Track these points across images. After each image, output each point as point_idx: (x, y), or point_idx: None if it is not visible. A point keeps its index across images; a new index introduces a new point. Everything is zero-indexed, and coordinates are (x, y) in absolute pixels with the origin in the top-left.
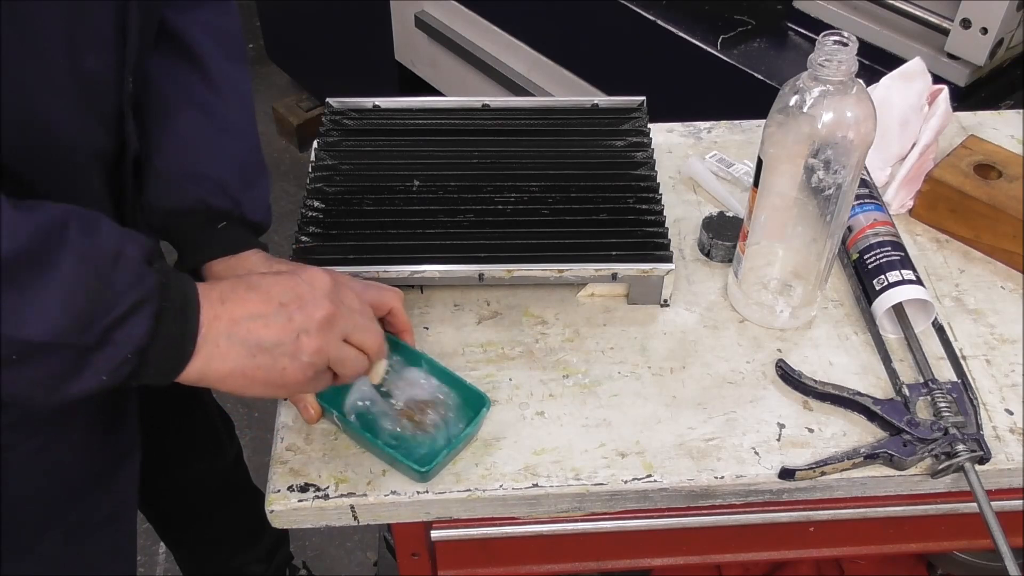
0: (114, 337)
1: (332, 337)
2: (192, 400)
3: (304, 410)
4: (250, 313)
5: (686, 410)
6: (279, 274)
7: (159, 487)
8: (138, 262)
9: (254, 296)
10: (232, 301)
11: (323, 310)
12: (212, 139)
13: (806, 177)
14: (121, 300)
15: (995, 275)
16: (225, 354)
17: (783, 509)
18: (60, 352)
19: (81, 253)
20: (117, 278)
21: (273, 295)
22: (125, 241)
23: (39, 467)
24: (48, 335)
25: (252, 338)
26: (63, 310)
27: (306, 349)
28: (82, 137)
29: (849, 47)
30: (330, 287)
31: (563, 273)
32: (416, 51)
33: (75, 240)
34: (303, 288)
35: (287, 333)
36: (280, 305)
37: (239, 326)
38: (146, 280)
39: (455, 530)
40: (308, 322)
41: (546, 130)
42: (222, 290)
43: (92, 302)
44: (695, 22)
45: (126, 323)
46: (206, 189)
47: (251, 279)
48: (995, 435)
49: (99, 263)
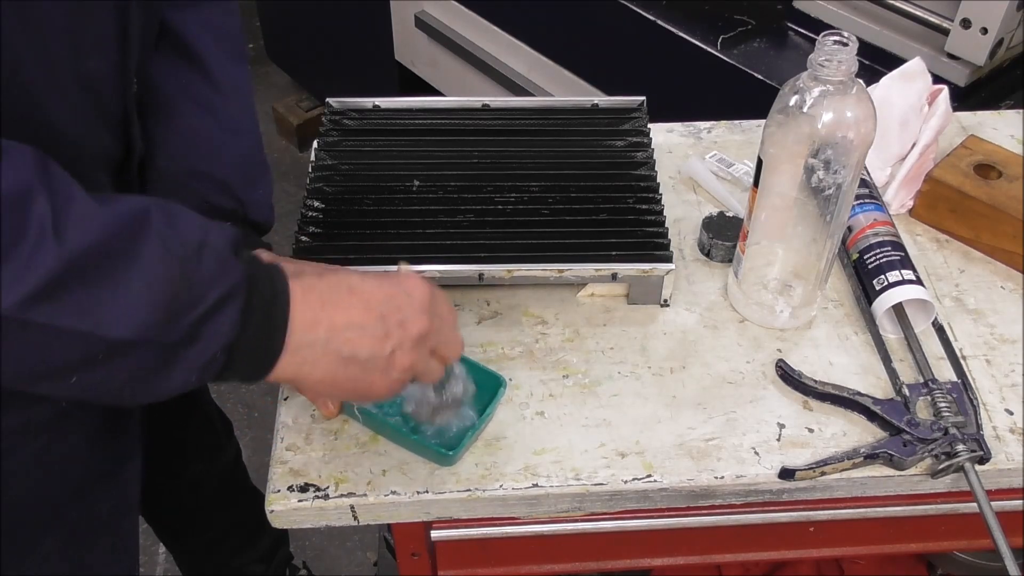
0: (202, 332)
1: (424, 352)
2: (191, 401)
3: (323, 405)
4: (350, 322)
5: (686, 410)
6: (380, 278)
7: (158, 487)
8: (223, 252)
9: (355, 303)
10: (332, 305)
11: (420, 326)
12: (215, 139)
13: (806, 177)
14: (208, 293)
15: (995, 275)
16: (318, 360)
17: (783, 509)
18: (146, 349)
19: (164, 244)
20: (202, 270)
21: (373, 304)
22: (209, 231)
23: (41, 468)
24: (133, 332)
25: (348, 349)
26: (148, 305)
27: (398, 366)
28: (88, 139)
29: (849, 47)
30: (428, 299)
31: (563, 273)
32: (416, 51)
33: (158, 231)
34: (403, 299)
35: (383, 347)
36: (380, 317)
37: (337, 334)
38: (233, 271)
39: (455, 530)
40: (404, 338)
41: (546, 130)
42: (322, 292)
43: (178, 296)
44: (695, 22)
45: (214, 318)
46: (209, 189)
47: (351, 280)
48: (995, 435)
49: (183, 255)
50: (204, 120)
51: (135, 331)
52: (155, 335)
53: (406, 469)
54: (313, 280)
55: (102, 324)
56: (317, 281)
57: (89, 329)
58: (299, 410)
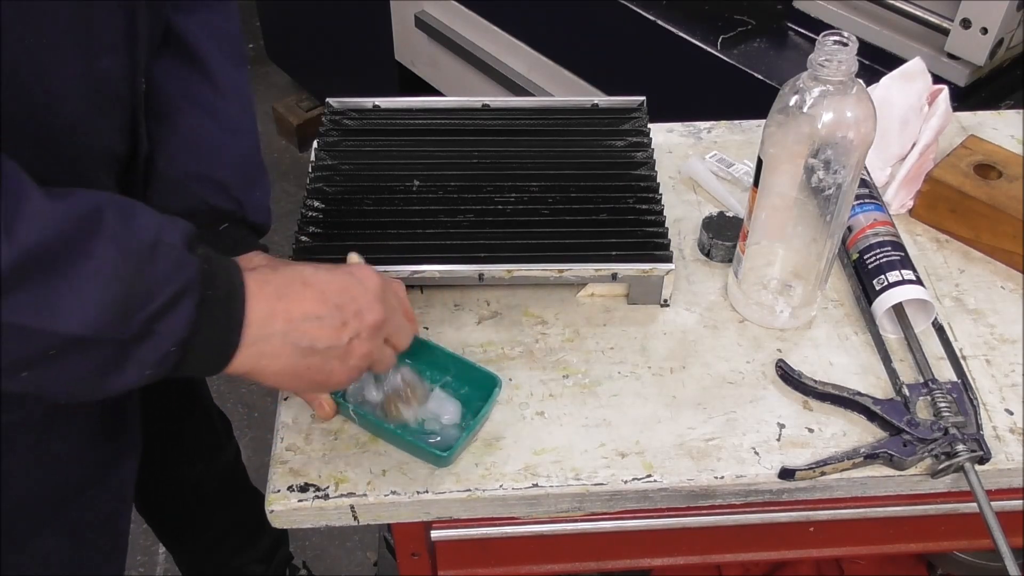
0: (156, 329)
1: (379, 340)
2: (191, 400)
3: (319, 407)
4: (306, 313)
5: (686, 410)
6: (332, 270)
7: (158, 488)
8: (178, 249)
9: (310, 294)
10: (288, 298)
11: (376, 315)
12: (215, 140)
13: (806, 177)
14: (161, 290)
15: (995, 275)
16: (278, 352)
17: (783, 509)
18: (99, 346)
19: (117, 241)
20: (157, 266)
21: (328, 295)
22: (164, 227)
23: (38, 465)
24: (86, 328)
25: (306, 340)
26: (100, 302)
27: (356, 353)
28: (98, 138)
29: (849, 47)
30: (380, 289)
31: (563, 273)
32: (416, 51)
33: (110, 228)
34: (357, 290)
35: (340, 337)
36: (335, 307)
37: (294, 326)
38: (187, 268)
39: (455, 530)
40: (361, 327)
41: (546, 130)
42: (277, 285)
43: (130, 293)
44: (695, 22)
45: (167, 314)
46: (209, 190)
47: (304, 273)
48: (995, 435)
49: (137, 251)
50: (204, 122)
51: (88, 328)
52: (108, 332)
53: (406, 469)
54: (267, 274)
55: (55, 321)
56: (272, 275)
57: (41, 326)
58: (299, 410)
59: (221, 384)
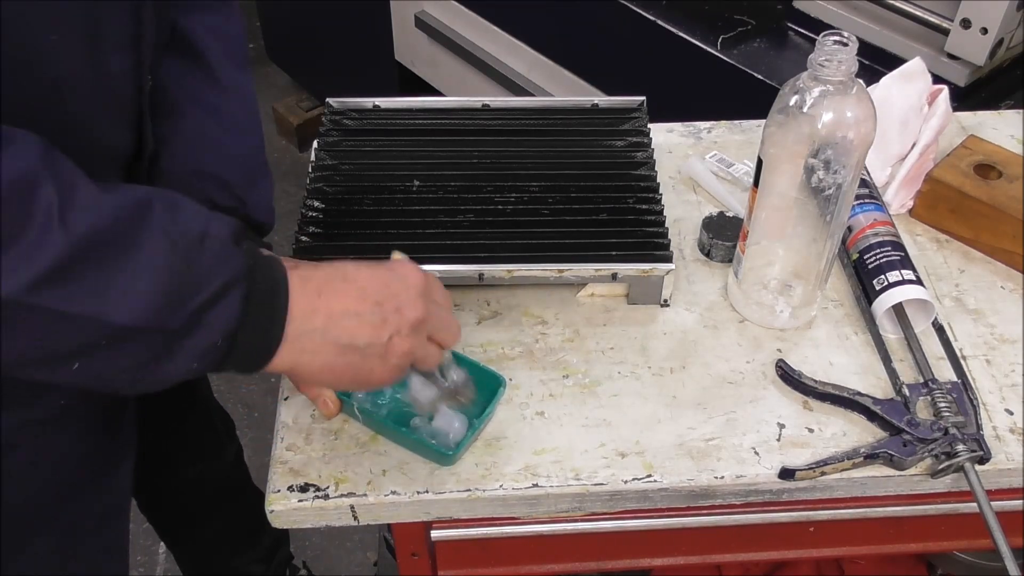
0: (204, 320)
1: (421, 338)
2: (191, 400)
3: (323, 404)
4: (346, 309)
5: (686, 410)
6: (373, 267)
7: (159, 487)
8: (225, 242)
9: (351, 290)
10: (328, 294)
11: (417, 312)
12: (218, 139)
13: (806, 177)
14: (210, 282)
15: (995, 275)
16: (317, 349)
17: (783, 509)
18: (148, 336)
19: (167, 233)
20: (204, 259)
21: (369, 292)
22: (211, 221)
23: (38, 467)
24: (135, 319)
25: (346, 336)
26: (150, 292)
27: (397, 351)
28: (105, 135)
29: (849, 47)
30: (423, 285)
31: (563, 273)
32: (416, 51)
33: (160, 220)
34: (398, 286)
35: (380, 334)
36: (376, 304)
37: (335, 323)
38: (234, 261)
39: (455, 530)
40: (401, 324)
41: (546, 130)
42: (319, 282)
43: (180, 284)
44: (695, 22)
45: (215, 306)
46: (212, 188)
47: (346, 269)
48: (995, 435)
49: (186, 243)
50: (207, 121)
51: (137, 317)
52: (157, 322)
53: (406, 469)
54: (309, 271)
55: (106, 310)
56: (313, 271)
57: (93, 314)
58: (299, 410)
59: (221, 384)
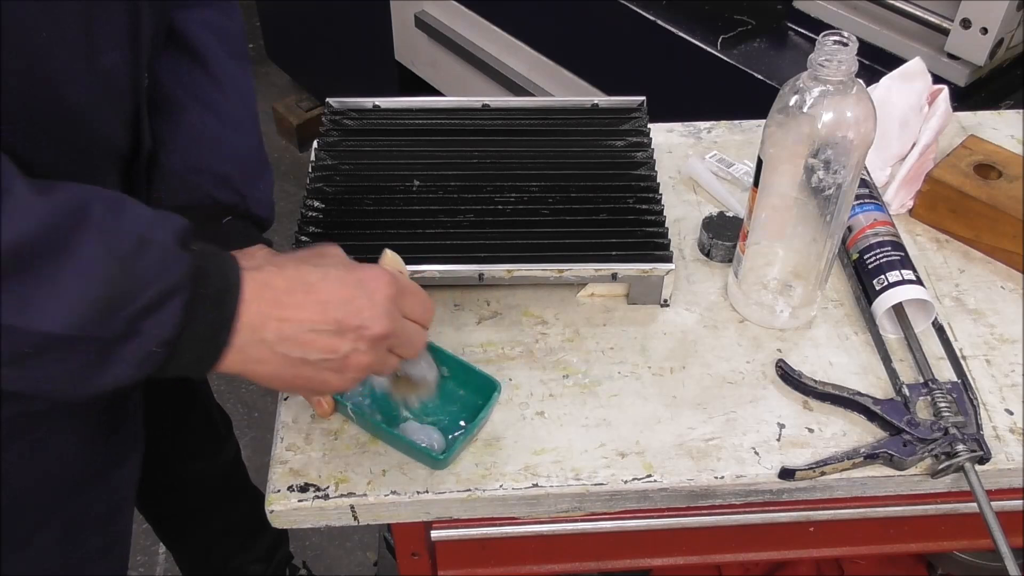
0: (139, 328)
1: (381, 352)
2: (191, 398)
3: (317, 404)
4: (301, 324)
5: (686, 410)
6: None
7: (158, 486)
8: (166, 247)
9: (311, 303)
10: (287, 306)
11: (379, 329)
12: (217, 135)
13: (806, 177)
14: (146, 289)
15: (995, 275)
16: (266, 359)
17: (783, 509)
18: (81, 344)
19: (103, 237)
20: (142, 264)
21: (330, 306)
22: (154, 224)
23: (38, 461)
24: (67, 327)
25: (298, 350)
26: (82, 300)
27: (353, 365)
28: (102, 131)
29: (849, 47)
30: (389, 300)
31: (563, 273)
32: (416, 51)
33: (96, 223)
34: (362, 302)
35: (337, 349)
36: (335, 320)
37: (288, 337)
38: (175, 267)
39: (455, 530)
40: (360, 340)
41: (546, 130)
42: (278, 291)
43: (114, 291)
44: (695, 22)
45: (153, 313)
46: (212, 184)
47: (310, 278)
48: (995, 435)
49: (123, 248)
50: (206, 117)
51: (69, 327)
52: (90, 330)
53: (406, 469)
54: (271, 276)
55: (35, 320)
56: (275, 277)
57: (22, 324)
58: (299, 410)
59: (221, 384)
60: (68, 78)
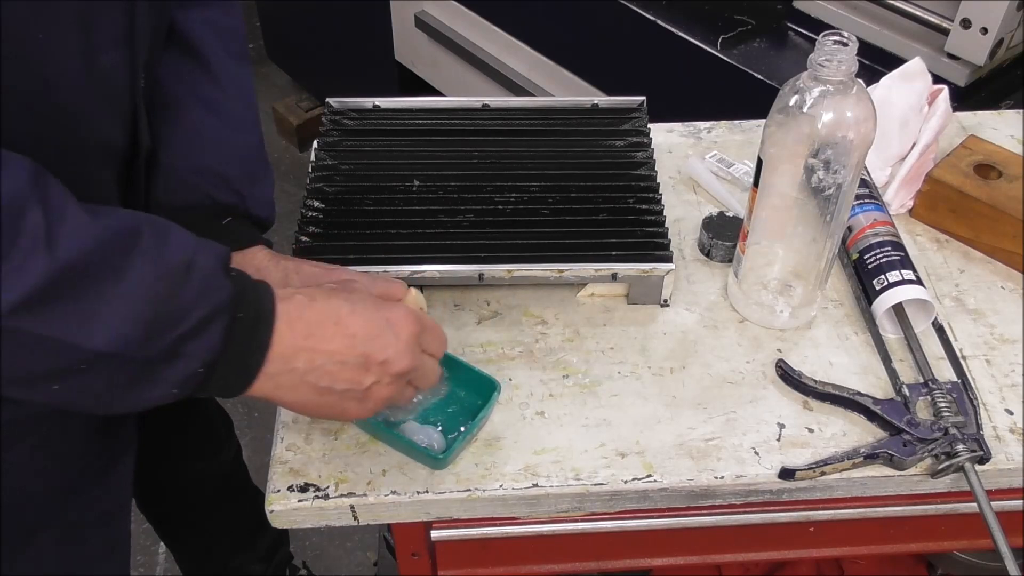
0: (183, 350)
1: (402, 384)
2: (191, 399)
3: None
4: (331, 356)
5: (686, 410)
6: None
7: (158, 486)
8: (210, 273)
9: (339, 336)
10: (316, 338)
11: (402, 365)
12: (217, 135)
13: (806, 177)
14: (192, 312)
15: (995, 275)
16: (295, 387)
17: (783, 509)
18: (126, 363)
19: (152, 261)
20: (189, 289)
21: (358, 340)
22: (198, 250)
23: (36, 464)
24: (114, 346)
25: (326, 380)
26: (131, 320)
27: (375, 397)
28: (99, 132)
29: (849, 47)
30: (413, 338)
31: (563, 273)
32: (416, 51)
33: (147, 247)
34: (389, 339)
35: (361, 382)
36: (362, 355)
37: (317, 366)
38: (219, 292)
39: (455, 530)
40: (383, 374)
41: (546, 130)
42: (308, 324)
43: (161, 313)
44: (695, 22)
45: (197, 336)
46: (212, 184)
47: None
48: (995, 435)
49: (171, 273)
50: (207, 117)
51: (116, 345)
52: (135, 350)
53: (406, 469)
54: (302, 307)
55: (85, 336)
56: (305, 309)
57: (73, 340)
58: None
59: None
60: (65, 78)
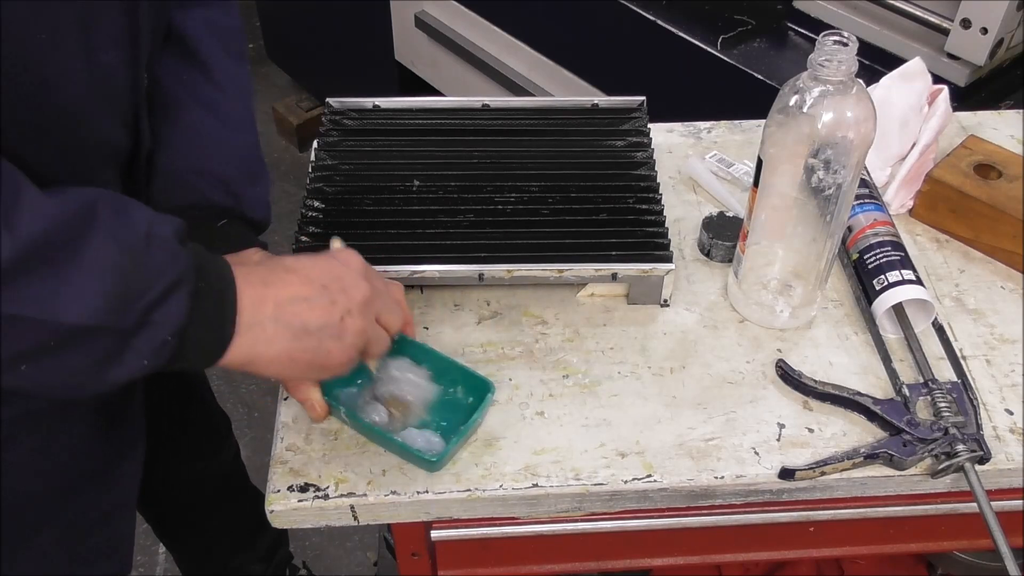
0: (152, 318)
1: (371, 317)
2: (191, 398)
3: (311, 408)
4: (294, 295)
5: (686, 410)
6: (313, 256)
7: (158, 486)
8: (171, 242)
9: (294, 278)
10: (275, 284)
11: (362, 291)
12: (214, 136)
13: (806, 177)
14: (157, 280)
15: (995, 275)
16: (272, 337)
17: (783, 509)
18: (100, 336)
19: (113, 234)
20: (151, 258)
21: (313, 277)
22: (156, 221)
23: (40, 462)
24: (86, 318)
25: (298, 321)
26: (99, 291)
27: (350, 330)
28: (100, 131)
29: (849, 47)
30: (363, 267)
31: (563, 273)
32: (416, 51)
33: (106, 221)
34: (340, 270)
35: (332, 315)
36: (322, 287)
37: (284, 309)
38: (180, 260)
39: (455, 530)
40: (350, 303)
41: (546, 130)
42: (262, 273)
43: (127, 283)
44: (695, 22)
45: (163, 303)
46: (208, 185)
47: (286, 261)
48: (995, 435)
49: (132, 243)
50: (204, 117)
51: (88, 317)
52: (107, 321)
53: (406, 469)
54: (252, 266)
55: (56, 311)
56: (255, 266)
57: (43, 316)
58: (299, 410)
59: (221, 384)
60: (66, 78)
